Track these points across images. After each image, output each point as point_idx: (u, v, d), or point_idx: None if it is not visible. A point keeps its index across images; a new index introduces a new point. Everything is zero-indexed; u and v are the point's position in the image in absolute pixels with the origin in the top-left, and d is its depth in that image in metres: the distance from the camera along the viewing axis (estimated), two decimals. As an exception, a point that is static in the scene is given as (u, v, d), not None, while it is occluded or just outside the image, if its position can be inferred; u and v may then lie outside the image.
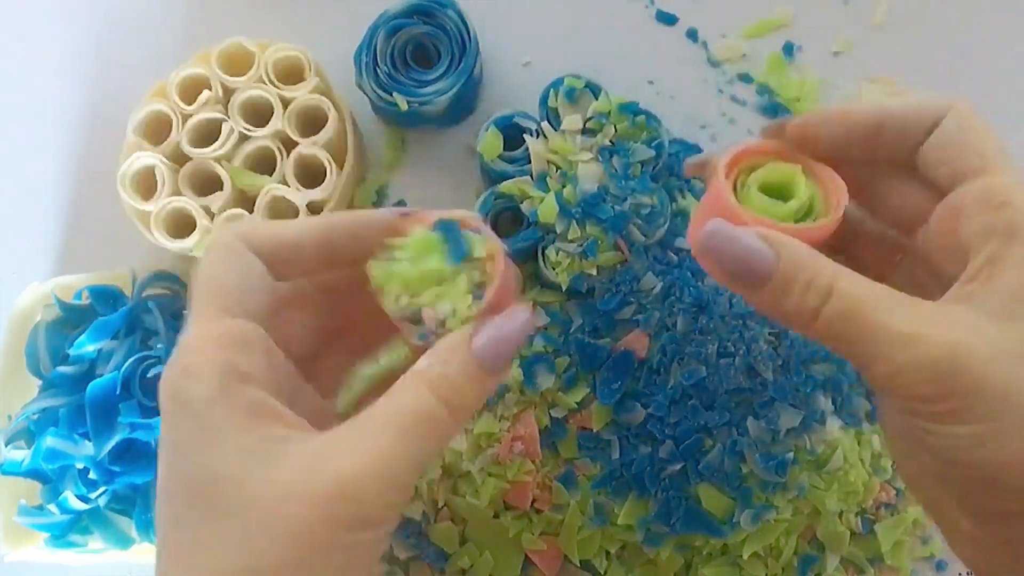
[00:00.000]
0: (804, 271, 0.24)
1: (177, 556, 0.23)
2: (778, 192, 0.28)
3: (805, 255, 0.24)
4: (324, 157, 0.44)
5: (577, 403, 0.42)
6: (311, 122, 0.45)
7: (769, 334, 0.42)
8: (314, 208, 0.44)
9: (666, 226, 0.43)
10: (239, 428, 0.23)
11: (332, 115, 0.44)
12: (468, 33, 0.43)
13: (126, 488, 0.40)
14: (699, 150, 0.48)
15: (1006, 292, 0.23)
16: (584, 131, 0.45)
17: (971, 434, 0.22)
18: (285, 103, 0.44)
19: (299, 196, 0.43)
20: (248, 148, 0.44)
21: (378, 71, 0.43)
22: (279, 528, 0.22)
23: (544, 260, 0.43)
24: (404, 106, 0.40)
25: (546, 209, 0.42)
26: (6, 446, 0.41)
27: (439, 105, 0.43)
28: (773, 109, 0.48)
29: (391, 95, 0.43)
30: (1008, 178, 0.25)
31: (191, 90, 0.44)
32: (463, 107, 0.45)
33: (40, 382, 0.42)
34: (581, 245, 0.42)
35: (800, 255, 0.24)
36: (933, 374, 0.22)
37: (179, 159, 0.44)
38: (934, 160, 0.27)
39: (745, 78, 0.49)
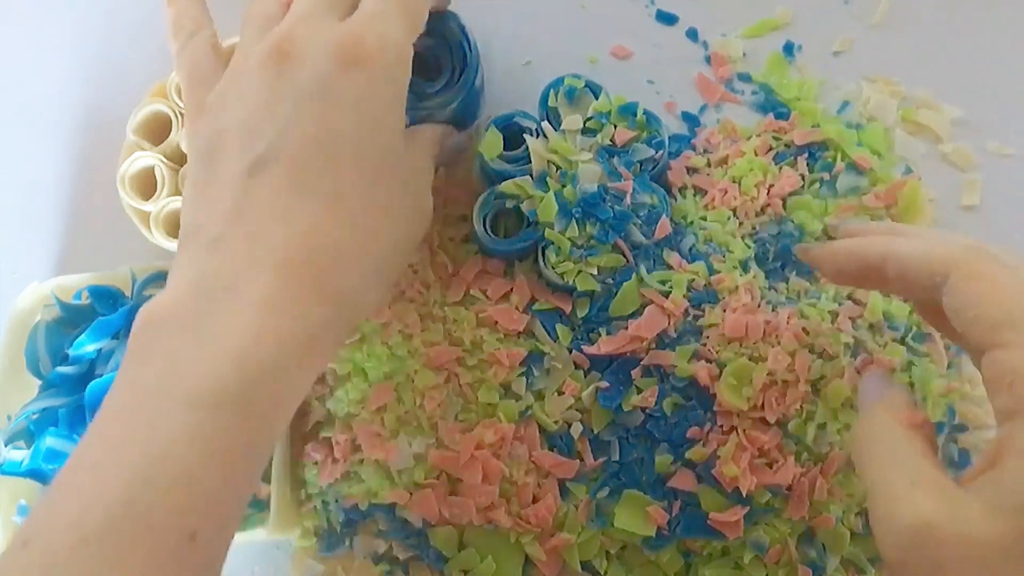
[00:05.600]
0: None
1: (347, 194, 0.28)
2: None
3: None
4: (324, 157, 0.44)
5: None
6: (311, 122, 0.45)
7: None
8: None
9: (667, 226, 0.43)
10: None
11: (332, 115, 0.44)
12: (469, 45, 0.41)
13: (126, 488, 0.40)
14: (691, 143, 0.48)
15: (1007, 481, 0.22)
16: (584, 131, 0.45)
17: None
18: (285, 103, 0.44)
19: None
20: (248, 148, 0.44)
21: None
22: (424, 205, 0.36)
23: (544, 260, 0.43)
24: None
25: (546, 209, 0.42)
26: (6, 446, 0.41)
27: (440, 118, 0.42)
28: (770, 107, 0.48)
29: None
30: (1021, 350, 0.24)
31: (191, 90, 0.44)
32: (466, 117, 0.45)
33: (40, 382, 0.42)
34: (581, 246, 0.42)
35: None
36: (899, 540, 0.22)
37: (179, 159, 0.44)
38: (954, 324, 0.25)
39: (745, 78, 0.49)
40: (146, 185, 0.44)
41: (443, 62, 0.41)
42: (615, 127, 0.45)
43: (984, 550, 0.21)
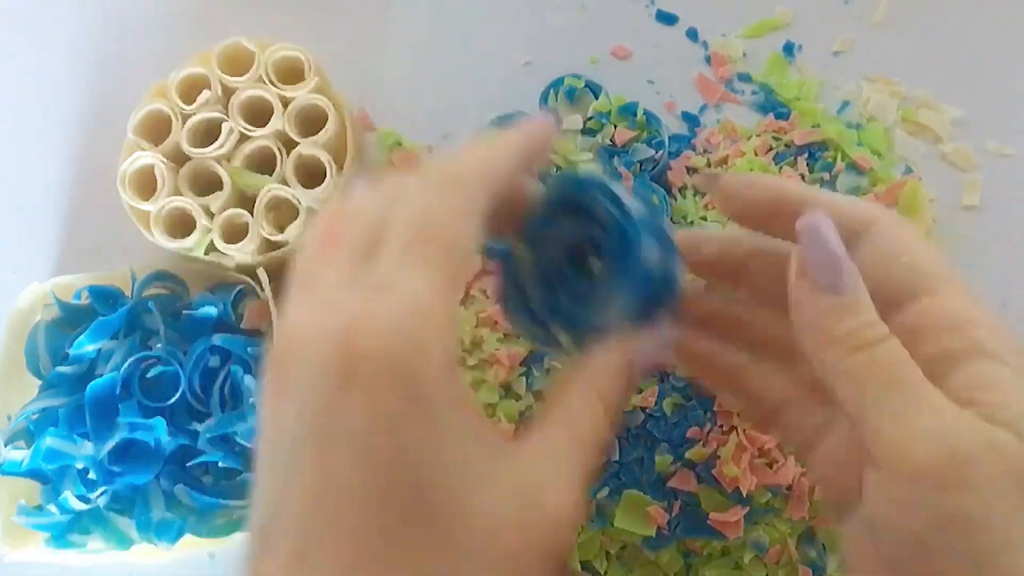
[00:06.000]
0: (870, 308, 0.24)
1: (364, 565, 0.20)
2: None
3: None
4: (324, 157, 0.44)
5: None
6: (311, 122, 0.45)
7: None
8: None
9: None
10: (462, 426, 0.21)
11: (332, 115, 0.44)
12: (624, 211, 0.27)
13: (126, 488, 0.40)
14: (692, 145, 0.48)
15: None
16: (584, 131, 0.45)
17: (969, 508, 0.21)
18: (285, 103, 0.44)
19: (299, 196, 0.43)
20: (248, 148, 0.44)
21: (529, 305, 0.28)
22: (492, 555, 0.20)
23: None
24: (567, 344, 0.26)
25: (546, 209, 0.42)
26: (6, 446, 0.41)
27: (610, 321, 0.27)
28: (770, 107, 0.48)
29: (547, 329, 0.27)
30: (961, 296, 0.24)
31: (191, 90, 0.44)
32: (651, 303, 0.27)
33: (40, 382, 0.42)
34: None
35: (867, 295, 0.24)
36: (939, 457, 0.21)
37: (179, 159, 0.44)
38: (874, 273, 0.25)
39: (745, 78, 0.49)
40: (146, 185, 0.44)
41: (597, 243, 0.27)
42: (615, 127, 0.45)
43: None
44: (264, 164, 0.44)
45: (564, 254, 0.27)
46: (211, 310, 0.42)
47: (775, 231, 0.27)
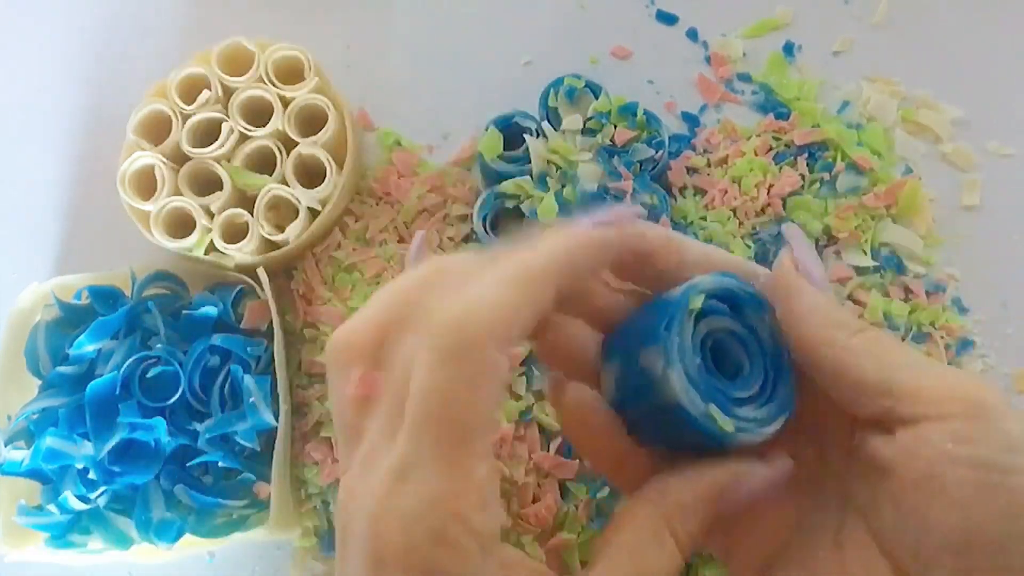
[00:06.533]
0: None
1: None
2: None
3: None
4: (324, 157, 0.44)
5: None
6: (311, 122, 0.45)
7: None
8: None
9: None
10: None
11: (332, 115, 0.44)
12: (781, 347, 0.26)
13: (126, 488, 0.40)
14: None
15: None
16: (584, 131, 0.45)
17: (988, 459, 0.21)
18: (285, 103, 0.44)
19: (299, 196, 0.43)
20: (248, 148, 0.44)
21: (692, 370, 0.24)
22: None
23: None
24: (730, 428, 0.24)
25: (546, 209, 0.42)
26: (6, 446, 0.41)
27: (762, 437, 0.25)
28: (770, 107, 0.48)
29: (706, 406, 0.24)
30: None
31: (191, 90, 0.44)
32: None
33: (40, 382, 0.42)
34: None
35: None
36: (974, 400, 0.22)
37: (179, 159, 0.44)
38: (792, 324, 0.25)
39: (745, 78, 0.49)
40: (146, 185, 0.44)
41: (751, 359, 0.26)
42: (615, 127, 0.45)
43: None
44: (264, 164, 0.44)
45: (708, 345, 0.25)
46: (211, 310, 0.42)
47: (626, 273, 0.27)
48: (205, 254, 0.44)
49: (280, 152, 0.44)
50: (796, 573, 0.25)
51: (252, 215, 0.43)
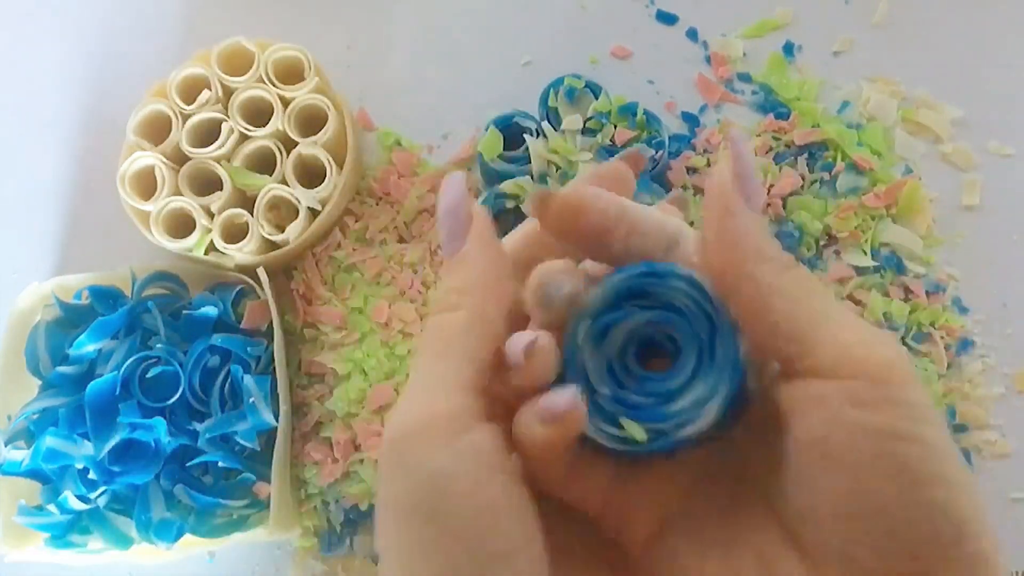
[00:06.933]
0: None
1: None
2: None
3: None
4: (324, 157, 0.44)
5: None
6: (311, 122, 0.45)
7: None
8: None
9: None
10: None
11: (332, 115, 0.44)
12: (712, 304, 0.25)
13: (126, 488, 0.40)
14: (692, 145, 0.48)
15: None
16: (584, 131, 0.45)
17: (933, 439, 0.21)
18: (285, 103, 0.44)
19: (299, 196, 0.43)
20: (248, 148, 0.44)
21: (597, 399, 0.25)
22: None
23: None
24: (641, 436, 0.24)
25: (546, 209, 0.42)
26: (6, 446, 0.41)
27: (706, 418, 0.24)
28: (770, 107, 0.48)
29: (619, 427, 0.25)
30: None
31: (191, 90, 0.44)
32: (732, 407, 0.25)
33: (40, 382, 0.42)
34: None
35: None
36: (879, 362, 0.21)
37: (179, 159, 0.44)
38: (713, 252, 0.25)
39: (745, 78, 0.49)
40: (146, 185, 0.44)
41: (680, 339, 0.25)
42: (615, 127, 0.45)
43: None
44: (264, 164, 0.44)
45: (633, 347, 0.25)
46: (211, 310, 0.42)
47: (597, 253, 0.26)
48: (205, 254, 0.44)
49: (280, 152, 0.44)
50: (685, 540, 0.25)
51: (252, 215, 0.43)
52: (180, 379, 0.40)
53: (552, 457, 0.24)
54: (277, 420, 0.41)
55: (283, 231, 0.44)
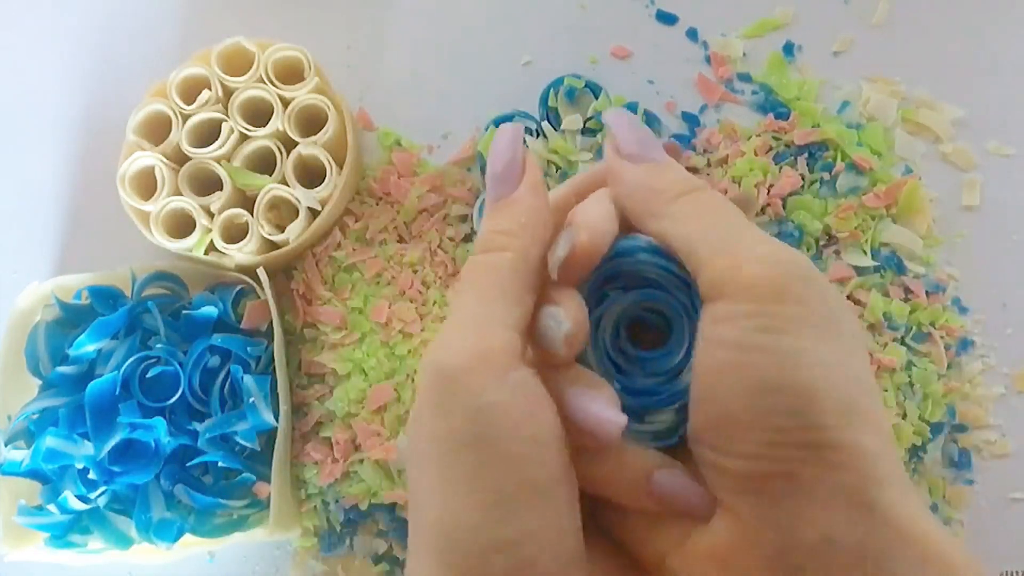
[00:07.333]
0: (683, 170, 0.25)
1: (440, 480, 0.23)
2: None
3: None
4: (324, 157, 0.44)
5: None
6: (311, 122, 0.45)
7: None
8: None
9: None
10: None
11: (332, 115, 0.44)
12: (679, 265, 0.24)
13: (126, 488, 0.40)
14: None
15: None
16: (584, 131, 0.45)
17: (792, 348, 0.21)
18: (285, 103, 0.44)
19: (299, 196, 0.43)
20: (248, 148, 0.44)
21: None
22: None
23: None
24: (672, 421, 0.25)
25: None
26: (6, 446, 0.41)
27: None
28: (770, 107, 0.48)
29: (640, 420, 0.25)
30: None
31: (191, 90, 0.44)
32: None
33: (40, 382, 0.42)
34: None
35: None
36: (775, 274, 0.22)
37: (179, 159, 0.44)
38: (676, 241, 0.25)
39: (745, 78, 0.49)
40: (146, 185, 0.44)
41: (668, 312, 0.25)
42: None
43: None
44: (264, 164, 0.44)
45: (624, 329, 0.25)
46: (211, 310, 0.42)
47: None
48: (205, 254, 0.44)
49: (280, 152, 0.44)
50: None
51: (252, 215, 0.43)
52: (180, 379, 0.41)
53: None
54: (277, 420, 0.41)
55: (283, 231, 0.44)
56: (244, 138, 0.44)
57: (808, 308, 0.21)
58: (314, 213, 0.45)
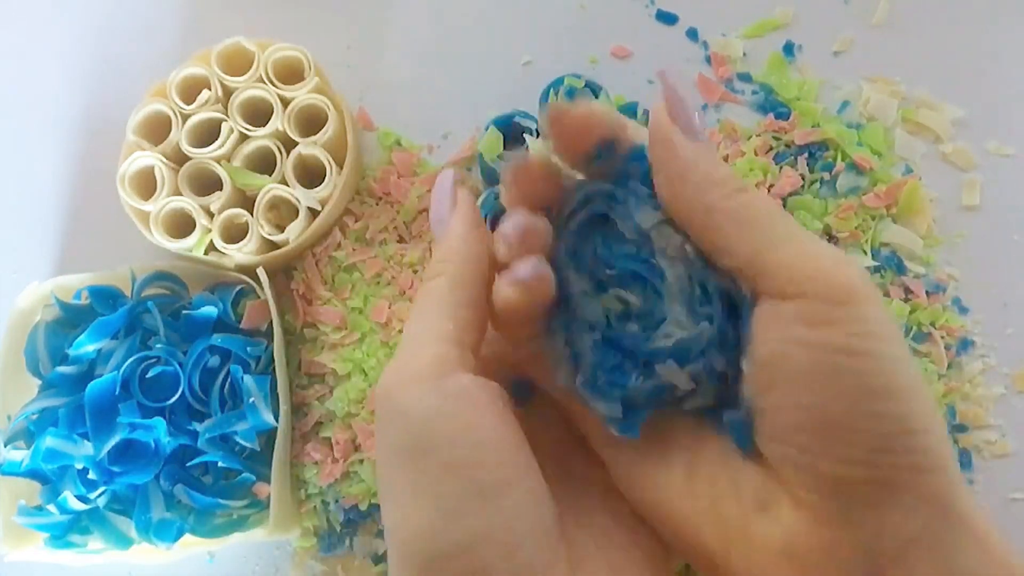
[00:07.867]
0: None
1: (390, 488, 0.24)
2: None
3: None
4: (324, 157, 0.44)
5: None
6: (311, 122, 0.45)
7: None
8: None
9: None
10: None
11: (332, 115, 0.44)
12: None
13: (126, 488, 0.40)
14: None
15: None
16: (584, 131, 0.45)
17: (890, 353, 0.21)
18: (285, 103, 0.44)
19: (299, 196, 0.43)
20: (248, 148, 0.44)
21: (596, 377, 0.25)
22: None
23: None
24: (687, 384, 0.24)
25: (546, 209, 0.42)
26: (6, 446, 0.41)
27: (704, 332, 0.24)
28: (770, 107, 0.48)
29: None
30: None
31: (191, 90, 0.44)
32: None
33: (40, 382, 0.42)
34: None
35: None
36: (856, 275, 0.22)
37: (179, 159, 0.44)
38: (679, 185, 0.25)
39: (745, 78, 0.49)
40: (146, 185, 0.44)
41: (661, 288, 0.26)
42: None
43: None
44: (264, 164, 0.44)
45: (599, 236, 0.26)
46: (211, 310, 0.42)
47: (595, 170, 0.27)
48: (205, 254, 0.44)
49: (280, 152, 0.44)
50: (645, 447, 0.26)
51: (252, 215, 0.43)
52: (180, 379, 0.40)
53: (521, 333, 0.26)
54: (277, 420, 0.41)
55: (283, 231, 0.44)
56: (244, 138, 0.44)
57: (884, 310, 0.22)
58: (314, 213, 0.45)
